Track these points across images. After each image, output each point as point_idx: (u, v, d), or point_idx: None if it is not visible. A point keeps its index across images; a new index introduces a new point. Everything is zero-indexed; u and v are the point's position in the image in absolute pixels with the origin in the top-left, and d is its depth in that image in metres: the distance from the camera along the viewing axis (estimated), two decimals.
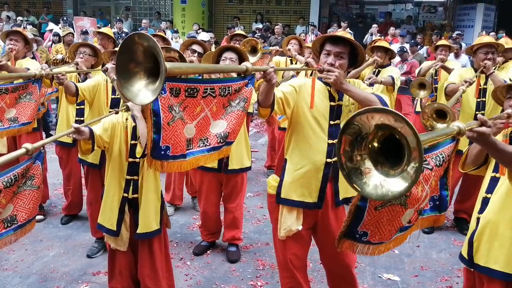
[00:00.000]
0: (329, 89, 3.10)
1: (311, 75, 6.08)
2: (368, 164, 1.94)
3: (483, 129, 2.17)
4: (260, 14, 16.80)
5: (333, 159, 3.11)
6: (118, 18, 15.83)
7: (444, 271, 4.41)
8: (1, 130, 4.12)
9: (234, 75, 3.45)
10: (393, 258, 4.64)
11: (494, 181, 2.77)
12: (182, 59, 3.51)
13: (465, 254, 2.86)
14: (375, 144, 1.92)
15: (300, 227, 3.20)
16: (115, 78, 4.03)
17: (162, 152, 2.52)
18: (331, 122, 3.10)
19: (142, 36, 2.11)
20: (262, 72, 2.76)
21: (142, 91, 2.19)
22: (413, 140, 1.71)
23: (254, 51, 6.44)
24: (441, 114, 4.54)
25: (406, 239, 2.73)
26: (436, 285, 4.19)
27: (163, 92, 2.39)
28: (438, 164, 2.51)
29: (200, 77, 3.43)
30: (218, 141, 2.73)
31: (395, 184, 1.84)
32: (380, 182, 1.90)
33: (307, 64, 5.69)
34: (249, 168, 4.54)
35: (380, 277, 4.29)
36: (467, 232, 2.91)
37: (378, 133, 1.88)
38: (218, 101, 2.68)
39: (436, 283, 4.22)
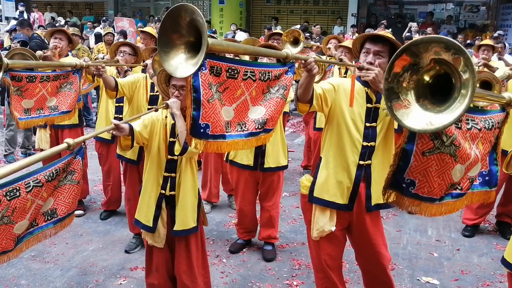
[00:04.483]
0: (367, 90, 3.06)
1: (345, 73, 6.03)
2: (410, 96, 2.03)
3: None
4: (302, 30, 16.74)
5: (366, 162, 3.07)
6: (157, 18, 16.07)
7: (486, 276, 4.29)
8: (42, 118, 4.28)
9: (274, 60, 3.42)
10: (432, 261, 4.54)
11: None
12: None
13: (510, 259, 2.75)
14: (426, 78, 2.04)
15: (333, 228, 3.16)
16: (154, 73, 4.10)
17: (202, 130, 2.44)
18: (367, 124, 3.05)
19: (187, 8, 2.14)
20: (303, 62, 2.73)
21: (183, 64, 2.24)
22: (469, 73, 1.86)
23: (296, 42, 6.48)
24: (486, 87, 4.37)
25: (458, 210, 2.58)
26: None
27: (203, 68, 2.35)
28: (487, 127, 2.41)
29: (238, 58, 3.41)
30: (256, 127, 2.68)
31: (439, 118, 1.93)
32: (422, 115, 1.98)
33: (341, 61, 5.63)
34: (285, 167, 4.52)
35: (418, 280, 4.21)
36: (510, 236, 2.81)
37: (433, 69, 2.00)
38: (258, 86, 2.63)
39: None
